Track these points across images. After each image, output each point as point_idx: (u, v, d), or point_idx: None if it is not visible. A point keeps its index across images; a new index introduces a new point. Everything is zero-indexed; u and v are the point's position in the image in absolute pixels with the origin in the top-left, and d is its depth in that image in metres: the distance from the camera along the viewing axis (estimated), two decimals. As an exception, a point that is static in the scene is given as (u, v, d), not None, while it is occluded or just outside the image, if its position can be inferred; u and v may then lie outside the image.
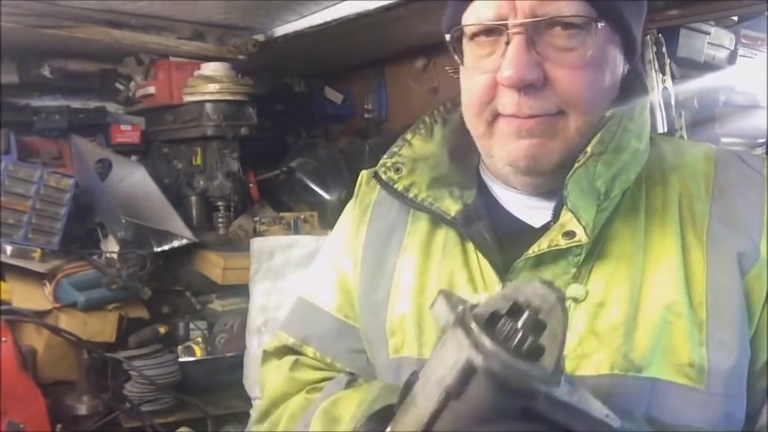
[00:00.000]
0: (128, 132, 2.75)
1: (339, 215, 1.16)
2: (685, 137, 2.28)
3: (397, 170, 0.97)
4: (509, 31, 0.82)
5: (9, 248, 2.21)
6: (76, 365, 2.18)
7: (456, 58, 0.91)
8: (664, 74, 2.28)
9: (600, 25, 0.82)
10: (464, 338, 0.60)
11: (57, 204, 2.30)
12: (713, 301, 0.83)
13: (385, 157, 1.00)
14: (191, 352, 2.37)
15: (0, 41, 2.26)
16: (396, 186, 0.96)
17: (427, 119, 1.02)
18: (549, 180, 0.89)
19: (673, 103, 2.29)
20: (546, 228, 0.89)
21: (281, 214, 2.69)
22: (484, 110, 0.88)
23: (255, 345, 2.29)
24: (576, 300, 0.85)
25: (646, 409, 0.81)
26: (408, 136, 1.01)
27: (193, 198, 2.67)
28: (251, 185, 2.78)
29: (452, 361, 0.60)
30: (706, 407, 0.82)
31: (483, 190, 0.98)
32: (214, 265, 2.45)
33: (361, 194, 1.09)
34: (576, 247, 0.84)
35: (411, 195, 0.96)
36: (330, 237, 1.14)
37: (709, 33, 2.45)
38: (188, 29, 2.51)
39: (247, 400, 2.32)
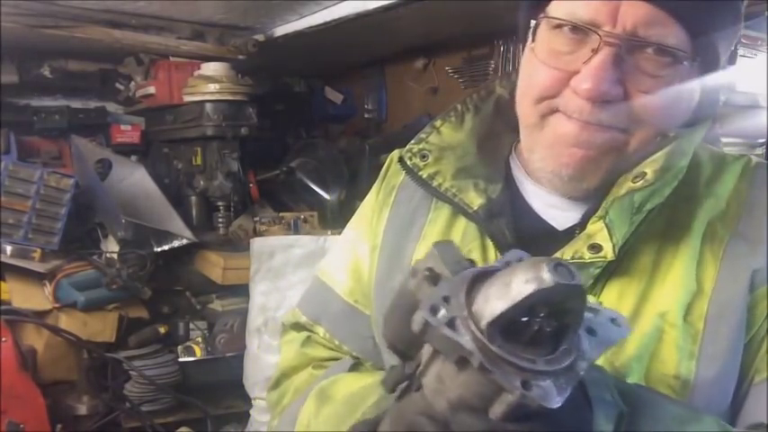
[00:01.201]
0: (128, 132, 2.75)
1: (339, 215, 1.16)
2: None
3: (424, 157, 0.94)
4: (602, 40, 0.77)
5: (9, 248, 2.21)
6: (76, 365, 2.18)
7: (530, 39, 0.85)
8: (664, 74, 2.28)
9: (696, 63, 0.79)
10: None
11: (57, 204, 2.30)
12: (714, 314, 0.81)
13: (412, 142, 0.96)
14: (191, 352, 2.38)
15: (0, 41, 2.26)
16: (420, 173, 0.94)
17: (459, 106, 0.98)
18: (585, 189, 0.86)
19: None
20: (569, 232, 0.86)
21: (281, 214, 2.70)
22: (542, 101, 0.83)
23: (255, 345, 2.29)
24: None
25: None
26: (438, 123, 0.97)
27: (193, 198, 2.67)
28: (251, 185, 2.78)
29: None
30: None
31: (509, 183, 0.94)
32: (214, 265, 2.45)
33: (388, 176, 1.06)
34: (601, 260, 0.81)
35: (435, 184, 0.93)
36: (355, 214, 1.11)
37: (709, 33, 2.45)
38: (188, 29, 2.51)
39: (247, 400, 2.32)
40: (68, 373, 2.18)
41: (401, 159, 0.96)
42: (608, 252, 0.79)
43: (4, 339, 1.99)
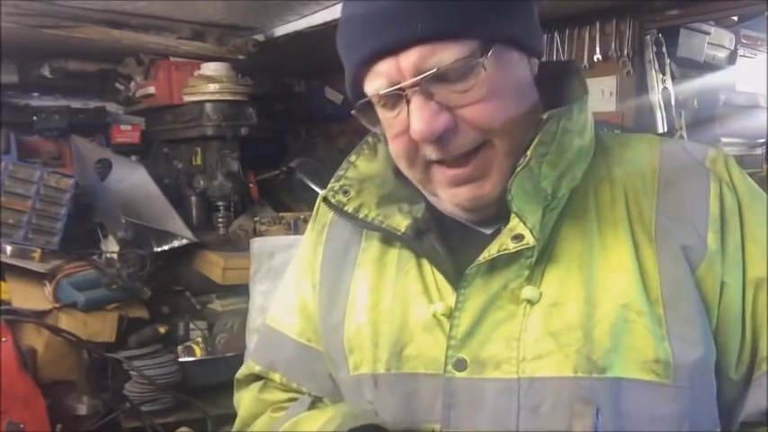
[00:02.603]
0: (128, 132, 2.75)
1: None
2: (685, 137, 2.28)
3: (345, 192, 0.99)
4: (405, 92, 0.84)
5: (9, 248, 2.21)
6: (76, 365, 2.18)
7: (369, 126, 0.94)
8: (664, 74, 2.28)
9: (485, 59, 0.82)
10: None
11: (57, 204, 2.30)
12: (669, 296, 0.84)
13: (332, 180, 1.01)
14: (191, 352, 2.37)
15: (0, 41, 2.26)
16: (346, 209, 0.98)
17: (370, 139, 1.04)
18: (489, 201, 0.90)
19: (673, 103, 2.29)
20: (497, 233, 0.89)
21: (281, 214, 2.69)
22: (415, 160, 0.89)
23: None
24: (530, 302, 0.85)
25: (613, 408, 0.82)
26: (353, 158, 1.03)
27: (193, 198, 2.67)
28: (251, 185, 2.78)
29: None
30: (674, 400, 0.83)
31: (430, 203, 0.98)
32: (214, 265, 2.45)
33: (318, 216, 1.11)
34: (527, 249, 0.84)
35: (362, 216, 0.97)
36: (294, 257, 1.15)
37: (709, 33, 2.45)
38: (188, 29, 2.51)
39: (247, 400, 2.31)
40: (68, 373, 2.17)
41: (326, 199, 1.00)
42: (529, 239, 0.84)
43: (4, 339, 1.99)
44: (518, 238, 0.84)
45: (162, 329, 2.37)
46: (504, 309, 0.86)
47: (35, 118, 2.60)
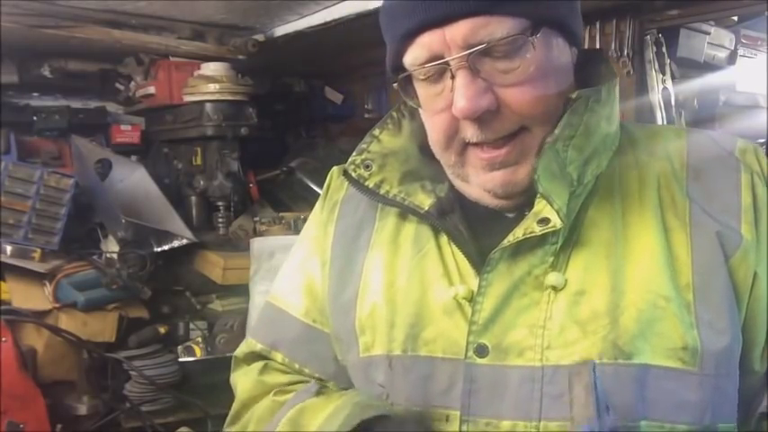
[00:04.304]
0: (128, 132, 2.75)
1: None
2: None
3: (367, 167, 0.96)
4: (451, 67, 0.82)
5: (9, 248, 2.21)
6: (76, 365, 2.18)
7: (409, 101, 0.90)
8: (664, 74, 2.28)
9: (536, 38, 0.82)
10: None
11: (57, 204, 2.30)
12: (699, 283, 0.83)
13: (354, 154, 0.98)
14: (191, 352, 2.37)
15: (0, 41, 2.26)
16: (367, 183, 0.96)
17: (395, 113, 1.00)
18: (525, 197, 0.88)
19: (673, 103, 2.29)
20: (520, 218, 0.87)
21: (281, 214, 2.69)
22: (451, 143, 0.87)
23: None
24: (555, 288, 0.84)
25: (639, 394, 0.81)
26: (376, 132, 0.99)
27: (193, 198, 2.67)
28: (251, 185, 2.78)
29: None
30: (699, 388, 0.82)
31: (453, 188, 0.96)
32: (214, 265, 2.45)
33: (330, 192, 1.07)
34: (552, 233, 0.83)
35: (383, 192, 0.95)
36: (299, 237, 1.11)
37: (709, 33, 2.45)
38: (188, 29, 2.51)
39: (247, 400, 2.31)
40: (68, 373, 2.17)
41: (346, 172, 0.98)
42: (556, 221, 0.82)
43: (4, 339, 1.99)
44: (544, 221, 0.83)
45: (162, 329, 2.37)
46: (529, 295, 0.85)
47: (35, 118, 2.60)
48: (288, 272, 1.10)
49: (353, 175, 0.97)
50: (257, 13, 2.36)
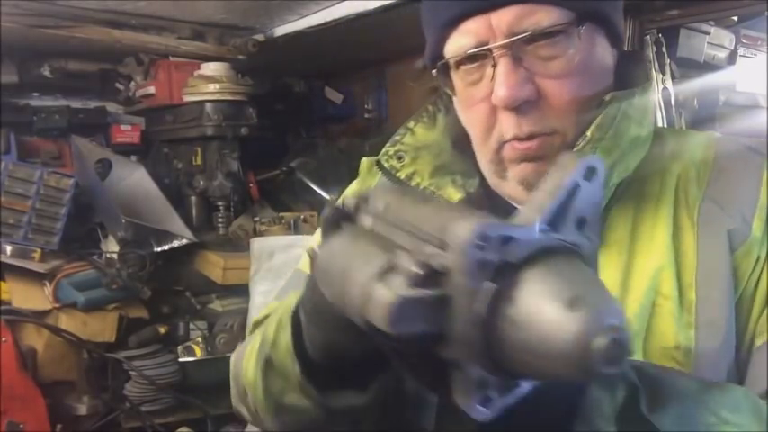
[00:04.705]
0: (128, 132, 2.75)
1: None
2: (685, 137, 2.28)
3: (400, 158, 0.96)
4: (494, 55, 0.81)
5: (9, 248, 2.21)
6: (76, 365, 2.18)
7: (446, 89, 0.90)
8: (664, 74, 2.28)
9: (582, 29, 0.81)
10: None
11: (57, 204, 2.30)
12: (703, 281, 0.83)
13: (387, 145, 0.98)
14: (191, 352, 2.37)
15: (0, 41, 2.26)
16: (398, 175, 0.95)
17: (430, 107, 1.00)
18: None
19: (673, 103, 2.29)
20: None
21: (281, 214, 2.69)
22: (489, 136, 0.87)
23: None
24: None
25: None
26: (411, 124, 0.99)
27: (193, 198, 2.67)
28: (251, 185, 2.78)
29: None
30: None
31: (484, 180, 0.95)
32: (214, 265, 2.45)
33: (361, 181, 1.06)
34: None
35: (413, 184, 0.94)
36: None
37: (709, 33, 2.45)
38: (188, 29, 2.51)
39: (247, 400, 2.31)
40: (68, 373, 2.18)
41: (378, 163, 0.97)
42: None
43: (4, 339, 2.00)
44: None
45: (162, 329, 2.37)
46: None
47: (35, 118, 2.59)
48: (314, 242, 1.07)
49: (386, 165, 0.96)
50: (257, 13, 2.36)
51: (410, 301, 0.49)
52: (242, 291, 2.43)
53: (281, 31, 2.51)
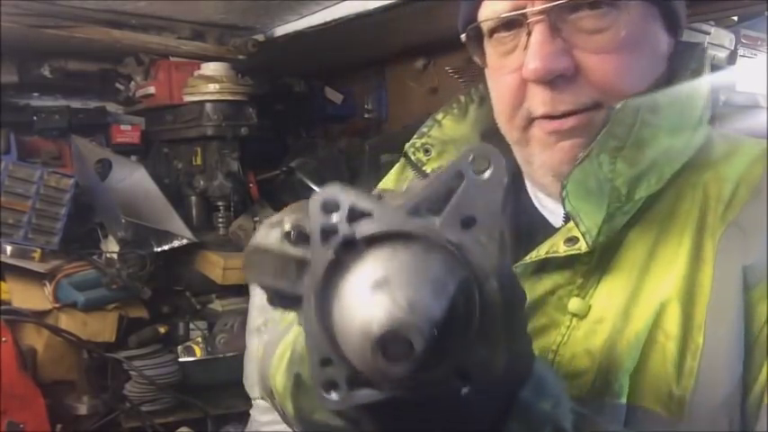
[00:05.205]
0: (128, 132, 2.75)
1: None
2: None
3: (426, 151, 0.90)
4: (529, 21, 0.73)
5: (9, 248, 2.21)
6: (76, 365, 2.18)
7: (477, 59, 0.82)
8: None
9: (633, 3, 0.73)
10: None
11: (57, 204, 2.30)
12: (712, 321, 0.71)
13: (415, 136, 0.92)
14: (191, 352, 2.38)
15: (0, 41, 2.26)
16: (425, 168, 0.89)
17: (462, 98, 0.93)
18: None
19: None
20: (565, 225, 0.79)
21: (281, 214, 2.69)
22: (515, 114, 0.78)
23: (255, 345, 2.29)
24: (576, 316, 0.75)
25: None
26: (439, 116, 0.92)
27: (193, 198, 2.67)
28: (251, 185, 2.78)
29: None
30: None
31: (515, 176, 0.88)
32: (214, 265, 2.45)
33: (400, 170, 0.99)
34: (585, 254, 0.74)
35: None
36: None
37: (709, 33, 2.45)
38: (188, 29, 2.51)
39: (247, 400, 2.32)
40: (68, 373, 2.18)
41: (405, 154, 0.92)
42: (582, 244, 0.73)
43: (4, 339, 1.99)
44: (572, 241, 0.74)
45: (162, 329, 2.37)
46: (548, 315, 0.76)
47: (35, 118, 2.60)
48: None
49: (413, 158, 0.91)
50: (257, 13, 2.36)
51: (260, 249, 0.50)
52: (242, 291, 2.43)
53: (281, 31, 2.51)
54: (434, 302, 0.42)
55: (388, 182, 1.00)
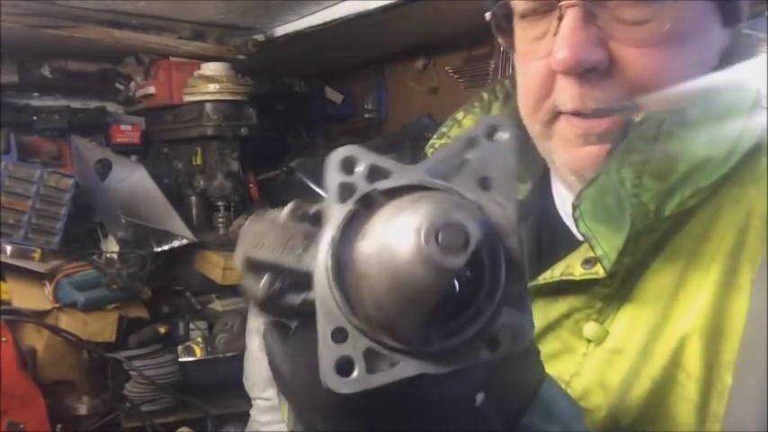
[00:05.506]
0: (128, 132, 2.75)
1: None
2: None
3: None
4: (561, 4, 0.65)
5: (9, 248, 2.21)
6: (76, 365, 2.18)
7: (502, 42, 0.75)
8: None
9: None
10: None
11: (57, 204, 2.30)
12: (745, 361, 0.61)
13: (435, 136, 0.85)
14: (191, 352, 2.38)
15: (0, 41, 2.26)
16: None
17: (485, 95, 0.84)
18: None
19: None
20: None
21: (281, 214, 2.69)
22: (540, 106, 0.71)
23: (255, 345, 2.29)
24: (592, 342, 0.68)
25: None
26: (459, 115, 0.85)
27: (193, 198, 2.67)
28: (251, 185, 2.78)
29: None
30: None
31: (544, 183, 0.80)
32: (214, 265, 2.45)
33: None
34: (605, 277, 0.66)
35: None
36: None
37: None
38: (188, 29, 2.51)
39: (247, 400, 2.32)
40: (68, 373, 2.18)
41: (425, 155, 0.84)
42: (599, 269, 0.66)
43: (4, 339, 1.99)
44: (589, 263, 0.66)
45: (162, 329, 2.37)
46: (563, 340, 0.70)
47: (35, 118, 2.60)
48: None
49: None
50: (257, 13, 2.36)
51: (259, 222, 0.49)
52: (242, 291, 2.43)
53: (281, 31, 2.51)
54: (473, 220, 0.39)
55: None
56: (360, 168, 0.43)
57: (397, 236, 0.38)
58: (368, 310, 0.40)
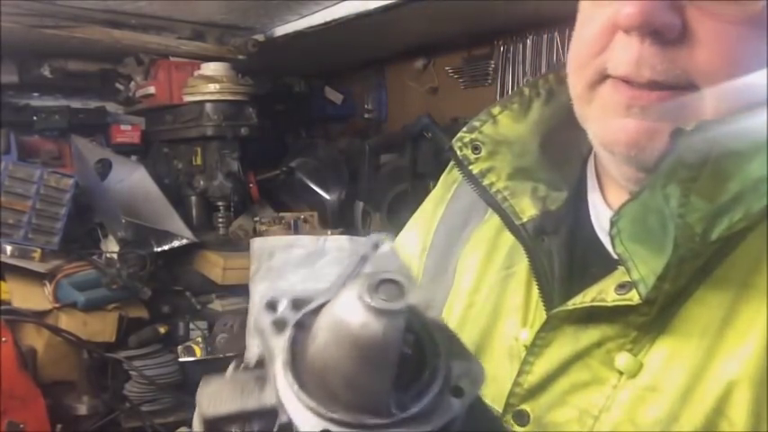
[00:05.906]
0: (128, 132, 2.75)
1: (339, 215, 1.11)
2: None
3: (476, 148, 0.76)
4: None
5: (9, 248, 2.21)
6: (76, 365, 2.17)
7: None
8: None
9: None
10: None
11: (57, 204, 2.30)
12: None
13: (464, 129, 0.78)
14: (191, 352, 2.37)
15: (0, 41, 2.26)
16: (471, 168, 0.76)
17: (527, 90, 0.78)
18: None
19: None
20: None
21: (281, 214, 2.69)
22: (589, 63, 0.64)
23: (255, 345, 2.29)
24: (624, 374, 0.62)
25: None
26: (495, 110, 0.78)
27: (193, 198, 2.67)
28: (251, 185, 2.78)
29: None
30: None
31: (579, 193, 0.75)
32: (214, 265, 2.45)
33: (452, 169, 0.88)
34: (641, 304, 0.60)
35: (486, 182, 0.75)
36: (417, 211, 0.94)
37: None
38: (188, 29, 2.51)
39: (247, 400, 2.32)
40: (68, 373, 2.17)
41: (451, 147, 0.79)
42: (633, 295, 0.60)
43: (4, 339, 1.99)
44: (624, 287, 0.61)
45: (162, 329, 2.37)
46: (592, 370, 0.64)
47: (35, 118, 2.59)
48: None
49: (459, 154, 0.77)
50: (257, 13, 2.36)
51: (213, 384, 0.57)
52: (242, 291, 2.43)
53: (281, 31, 2.51)
54: (401, 275, 0.44)
55: (437, 191, 0.91)
56: (283, 305, 0.48)
57: (344, 309, 0.42)
58: (343, 398, 0.43)
